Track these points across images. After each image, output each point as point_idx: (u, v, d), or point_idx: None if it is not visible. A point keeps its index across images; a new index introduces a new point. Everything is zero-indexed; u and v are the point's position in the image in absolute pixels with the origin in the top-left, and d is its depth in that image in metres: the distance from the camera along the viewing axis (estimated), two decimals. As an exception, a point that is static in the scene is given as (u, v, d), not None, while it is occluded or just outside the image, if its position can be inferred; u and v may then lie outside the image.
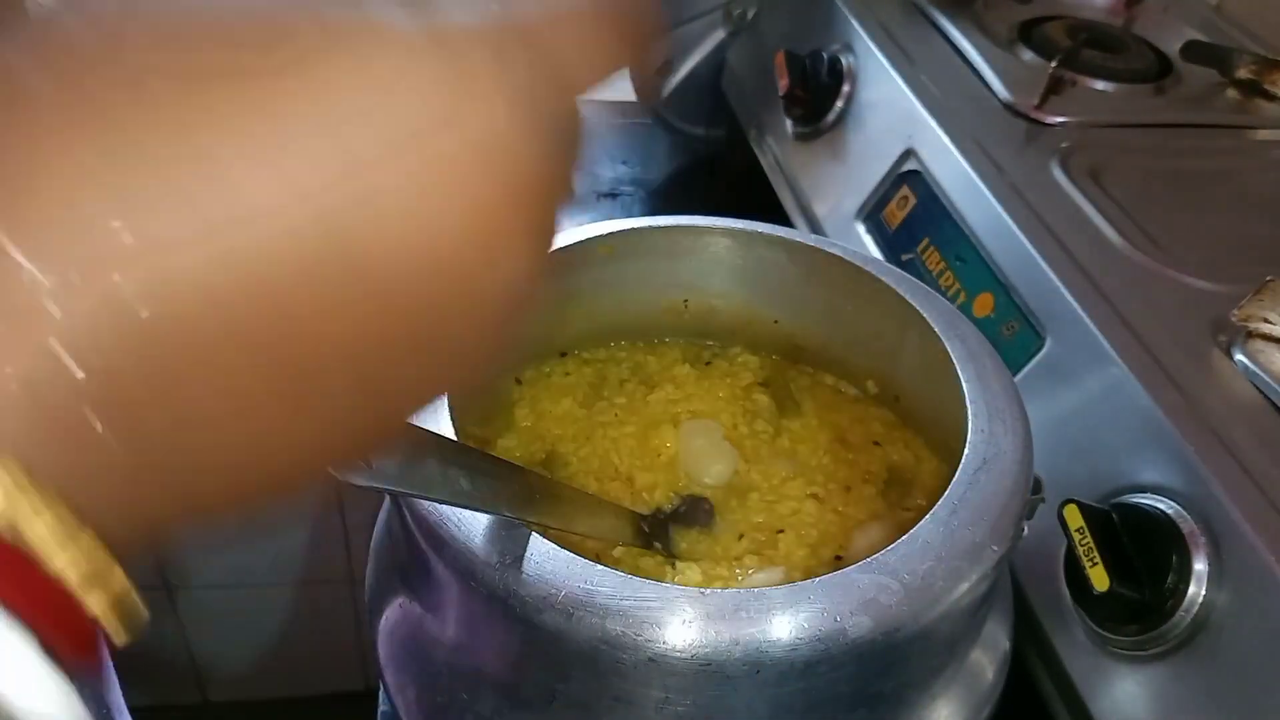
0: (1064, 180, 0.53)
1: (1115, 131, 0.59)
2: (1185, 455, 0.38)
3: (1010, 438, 0.34)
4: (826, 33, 0.69)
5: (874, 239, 0.60)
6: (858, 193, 0.62)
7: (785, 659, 0.28)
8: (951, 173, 0.55)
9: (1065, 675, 0.41)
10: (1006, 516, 0.32)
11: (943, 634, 0.31)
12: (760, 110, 0.75)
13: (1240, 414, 0.40)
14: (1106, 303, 0.44)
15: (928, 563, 0.29)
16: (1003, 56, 0.64)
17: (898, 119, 0.60)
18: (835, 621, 0.28)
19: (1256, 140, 0.62)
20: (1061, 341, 0.45)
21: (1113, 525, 0.38)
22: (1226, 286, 0.45)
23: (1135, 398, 0.40)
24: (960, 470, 0.33)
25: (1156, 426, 0.39)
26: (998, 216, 0.50)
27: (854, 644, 0.28)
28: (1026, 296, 0.48)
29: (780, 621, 0.28)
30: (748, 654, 0.28)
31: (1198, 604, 0.36)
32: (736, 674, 0.28)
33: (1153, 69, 0.66)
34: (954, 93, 0.60)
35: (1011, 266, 0.49)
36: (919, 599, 0.29)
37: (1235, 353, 0.42)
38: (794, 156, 0.70)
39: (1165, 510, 0.38)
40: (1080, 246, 0.48)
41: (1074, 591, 0.40)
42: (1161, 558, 0.37)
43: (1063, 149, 0.56)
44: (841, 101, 0.66)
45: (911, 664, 0.31)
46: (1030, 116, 0.58)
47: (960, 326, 0.39)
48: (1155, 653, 0.37)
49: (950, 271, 0.53)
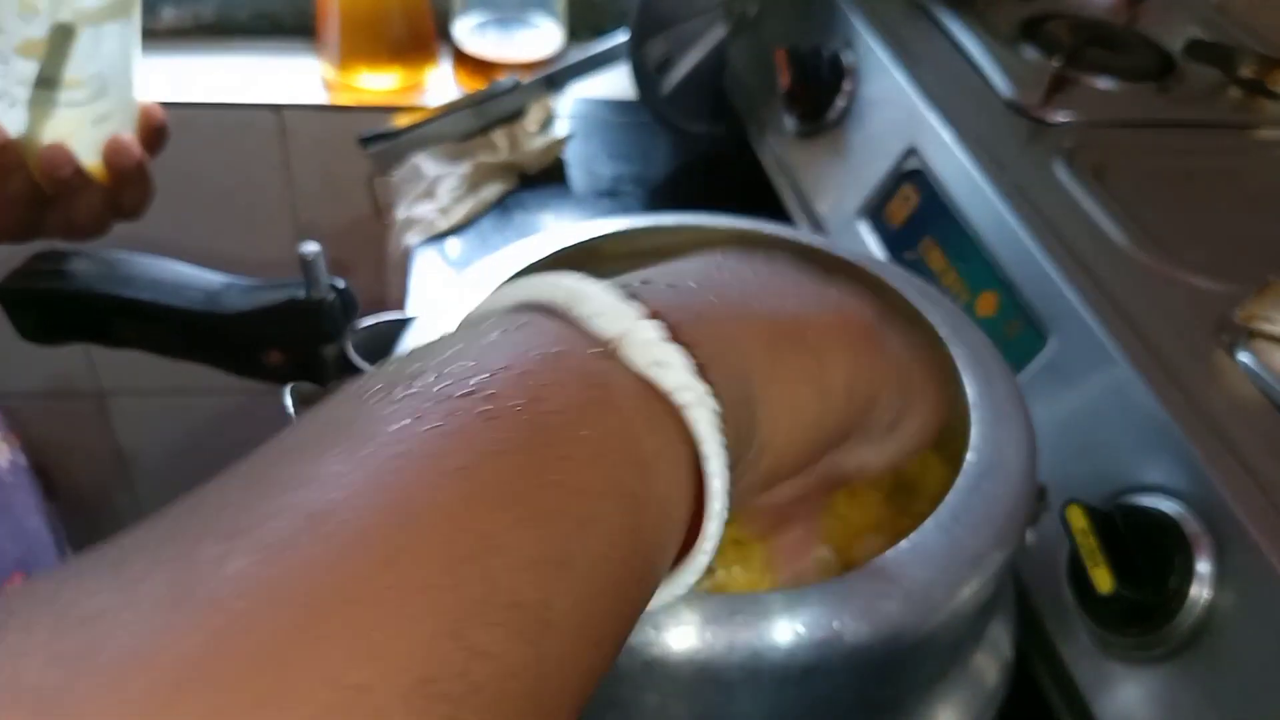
0: (1067, 179, 0.53)
1: (1118, 130, 0.59)
2: (1189, 456, 0.38)
3: (1015, 445, 0.34)
4: (828, 30, 0.69)
5: (876, 237, 0.59)
6: (859, 191, 0.61)
7: (782, 665, 0.28)
8: (954, 171, 0.54)
9: (1068, 677, 0.41)
10: (1009, 524, 0.31)
11: (943, 641, 0.31)
12: (761, 108, 0.75)
13: (1243, 414, 0.39)
14: (1109, 302, 0.44)
15: (928, 570, 0.29)
16: (1005, 54, 0.64)
17: (900, 117, 0.60)
18: (833, 628, 0.28)
19: (1260, 139, 0.62)
20: (1064, 341, 0.45)
21: (1116, 526, 0.38)
22: (1230, 286, 0.45)
23: (1138, 398, 0.40)
24: (963, 477, 0.32)
25: (1160, 427, 0.39)
26: (1000, 215, 0.50)
27: (852, 650, 0.28)
28: (1029, 296, 0.47)
29: (777, 627, 0.28)
30: (745, 659, 0.27)
31: (1201, 605, 0.36)
32: (733, 679, 0.28)
33: (1156, 67, 0.65)
34: (956, 91, 0.60)
35: (1014, 265, 0.49)
36: (918, 606, 0.28)
37: (1238, 352, 0.42)
38: (795, 154, 0.69)
39: (1169, 511, 0.38)
40: (1083, 245, 0.48)
41: (1077, 593, 0.40)
42: (1165, 559, 0.37)
43: (1065, 147, 0.55)
44: (843, 99, 0.65)
45: (910, 671, 0.31)
46: (1033, 115, 0.58)
47: (966, 331, 0.39)
48: (1158, 654, 0.37)
49: (953, 270, 0.53)
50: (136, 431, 1.17)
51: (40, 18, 0.48)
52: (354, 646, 0.14)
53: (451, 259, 0.73)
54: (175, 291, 0.46)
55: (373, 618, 0.15)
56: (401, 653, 0.15)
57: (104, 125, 0.52)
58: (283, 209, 1.00)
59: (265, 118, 0.93)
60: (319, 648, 0.14)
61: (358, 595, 0.15)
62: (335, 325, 0.46)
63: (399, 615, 0.15)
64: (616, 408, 0.20)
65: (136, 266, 0.47)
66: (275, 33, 1.00)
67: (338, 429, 0.18)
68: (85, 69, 0.50)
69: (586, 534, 0.18)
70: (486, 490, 0.17)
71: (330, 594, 0.15)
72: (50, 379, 1.10)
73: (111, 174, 0.53)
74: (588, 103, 0.91)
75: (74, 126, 0.51)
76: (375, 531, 0.16)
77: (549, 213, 0.79)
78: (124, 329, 0.48)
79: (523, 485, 0.17)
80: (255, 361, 0.47)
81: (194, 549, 0.15)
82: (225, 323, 0.46)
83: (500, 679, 0.16)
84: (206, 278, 0.47)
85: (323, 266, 0.45)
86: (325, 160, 0.96)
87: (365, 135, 0.75)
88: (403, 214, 0.79)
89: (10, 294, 0.48)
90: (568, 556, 0.17)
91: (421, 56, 0.94)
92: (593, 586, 0.18)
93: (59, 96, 0.50)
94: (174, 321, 0.46)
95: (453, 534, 0.16)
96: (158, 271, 0.47)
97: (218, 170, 0.95)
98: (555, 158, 0.83)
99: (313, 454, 0.17)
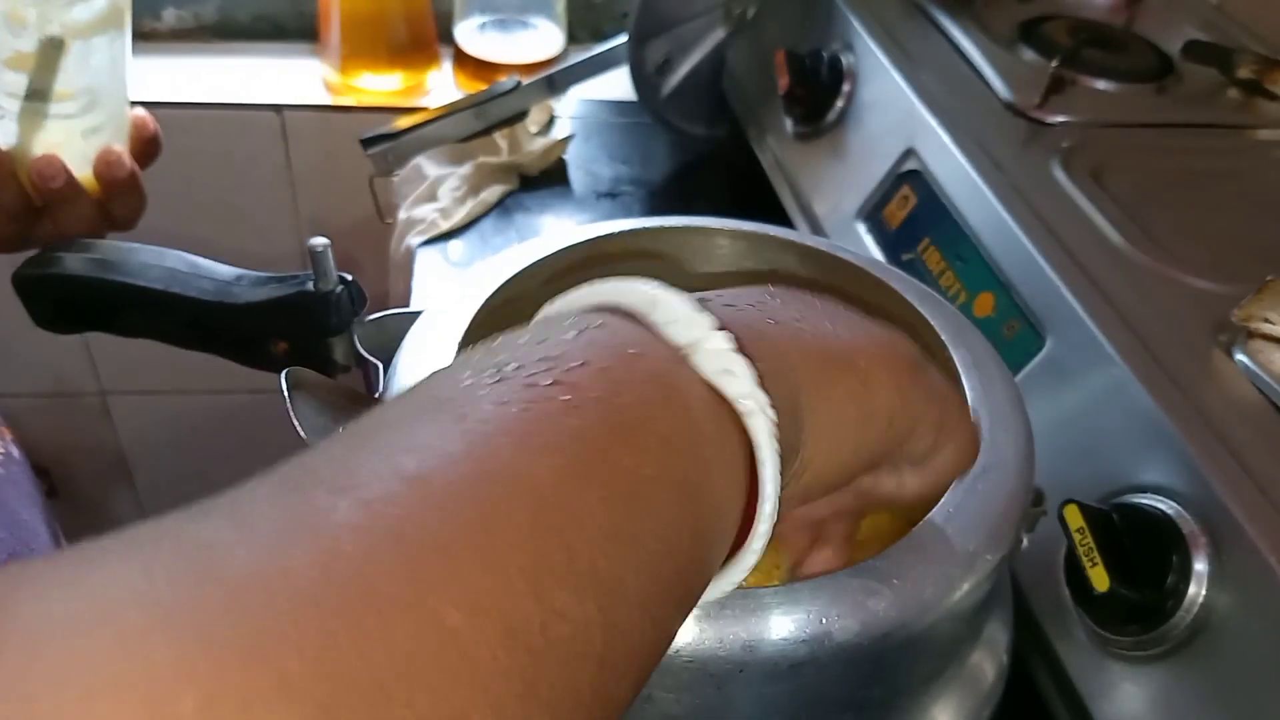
0: (1065, 180, 0.53)
1: (1116, 131, 0.59)
2: (1186, 455, 0.38)
3: (1012, 447, 0.34)
4: (827, 32, 0.69)
5: (874, 238, 0.60)
6: (858, 192, 0.62)
7: (770, 659, 0.28)
8: (952, 172, 0.55)
9: (1065, 676, 0.41)
10: (1003, 525, 0.31)
11: (935, 640, 0.31)
12: (760, 109, 0.75)
13: (1241, 414, 0.39)
14: (1107, 303, 0.44)
15: (919, 569, 0.29)
16: (1003, 56, 0.64)
17: (898, 118, 0.60)
18: (821, 624, 0.28)
19: (1257, 140, 0.62)
20: (1062, 341, 0.45)
21: (1113, 525, 0.38)
22: (1227, 286, 0.45)
23: (1136, 398, 0.40)
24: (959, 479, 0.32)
25: (1157, 426, 0.39)
26: (998, 216, 0.50)
27: (840, 647, 0.28)
28: (1027, 296, 0.47)
29: (766, 622, 0.28)
30: (733, 653, 0.28)
31: (1198, 604, 0.36)
32: (720, 672, 0.28)
33: (1154, 68, 0.66)
34: (955, 92, 0.60)
35: (1012, 266, 0.49)
36: (908, 605, 0.28)
37: (1236, 353, 0.42)
38: (794, 156, 0.70)
39: (1166, 510, 0.38)
40: (1081, 246, 0.48)
41: (1074, 592, 0.40)
42: (1162, 558, 0.37)
43: (1063, 148, 0.56)
44: (842, 101, 0.66)
45: (903, 669, 0.31)
46: (1031, 116, 0.58)
47: (967, 334, 0.39)
48: (1156, 653, 0.37)
49: (951, 271, 0.53)
50: (137, 431, 1.17)
51: (29, 31, 0.48)
52: (448, 592, 0.16)
53: (453, 260, 0.74)
54: (188, 282, 0.47)
55: (466, 569, 0.16)
56: (489, 604, 0.16)
57: (96, 137, 0.52)
58: (284, 209, 1.00)
59: (267, 118, 0.93)
60: (417, 590, 0.15)
61: (453, 548, 0.16)
62: (343, 318, 0.46)
63: (489, 570, 0.16)
64: (686, 408, 0.21)
65: (149, 256, 0.48)
66: (276, 36, 1.00)
67: (435, 407, 0.19)
68: (76, 82, 0.50)
69: (654, 518, 0.20)
70: (570, 468, 0.19)
71: (428, 545, 0.16)
72: (50, 379, 1.10)
73: (103, 185, 0.53)
74: (588, 104, 0.91)
75: (65, 138, 0.51)
76: (468, 495, 0.17)
77: (550, 214, 0.79)
78: (136, 317, 0.48)
79: (600, 467, 0.19)
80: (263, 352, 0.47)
81: (306, 498, 0.17)
82: (235, 313, 0.46)
83: (573, 640, 0.17)
84: (218, 269, 0.48)
85: (331, 260, 0.45)
86: (327, 161, 0.96)
87: (366, 136, 0.75)
88: (404, 215, 0.79)
89: (26, 281, 0.49)
90: (637, 536, 0.19)
91: (423, 58, 0.94)
92: (656, 566, 0.20)
93: (49, 109, 0.50)
94: (186, 311, 0.47)
95: (538, 504, 0.18)
96: (171, 261, 0.48)
97: (219, 171, 0.95)
98: (556, 159, 0.83)
99: (409, 427, 0.19)
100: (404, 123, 0.77)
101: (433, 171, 0.80)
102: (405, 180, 0.81)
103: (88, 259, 0.48)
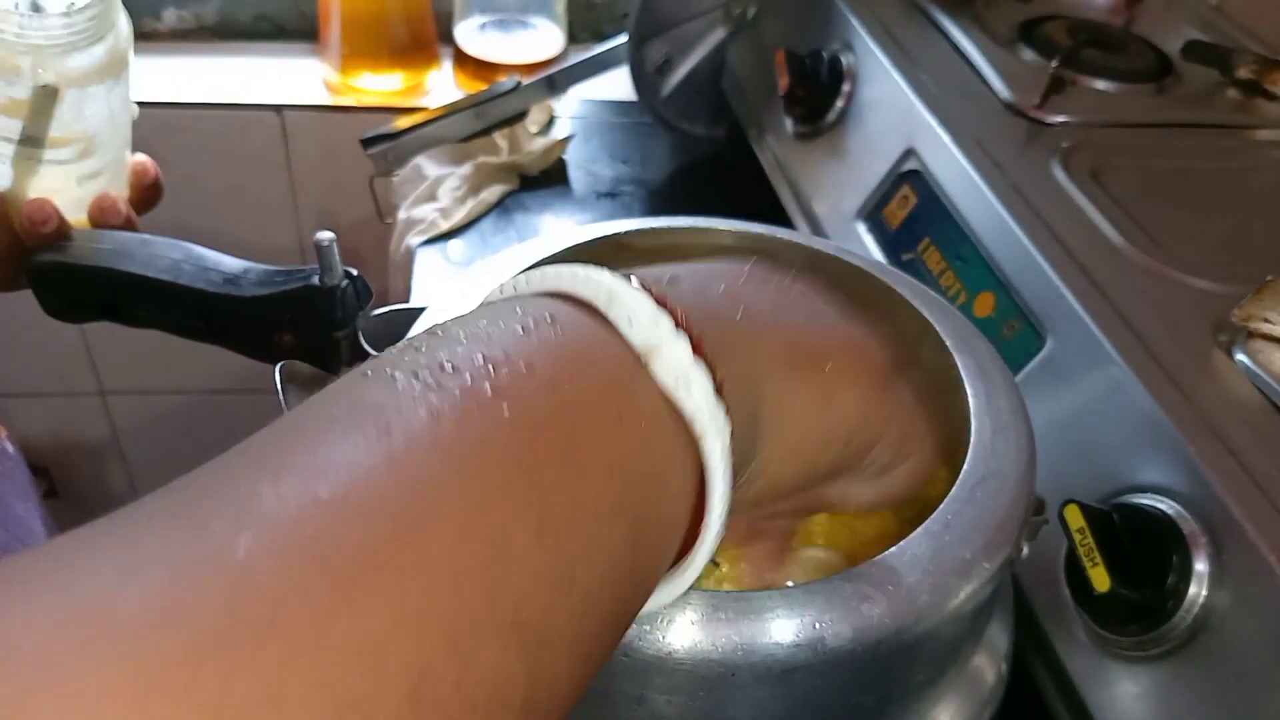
0: (1065, 180, 0.53)
1: (1116, 131, 0.59)
2: (1186, 455, 0.38)
3: (1013, 455, 0.33)
4: (826, 32, 0.69)
5: (875, 238, 0.60)
6: (858, 192, 0.62)
7: (761, 664, 0.27)
8: (952, 172, 0.55)
9: (1066, 676, 0.41)
10: (1002, 533, 0.31)
11: (931, 646, 0.31)
12: (760, 109, 0.75)
13: (1241, 414, 0.39)
14: (1107, 302, 0.44)
15: (914, 576, 0.29)
16: (1003, 56, 0.64)
17: (898, 118, 0.60)
18: (814, 629, 0.27)
19: (1257, 140, 0.62)
20: (1062, 341, 0.45)
21: (1113, 526, 0.38)
22: (1227, 286, 0.45)
23: (1136, 398, 0.40)
24: (958, 485, 0.32)
25: (1157, 426, 0.39)
26: (998, 216, 0.50)
27: (832, 653, 0.28)
28: (1027, 296, 0.47)
29: (758, 626, 0.27)
30: (724, 656, 0.27)
31: (1198, 604, 0.36)
32: (712, 675, 0.28)
33: (1153, 69, 0.66)
34: (954, 92, 0.60)
35: (1012, 266, 0.49)
36: (903, 612, 0.28)
37: (1236, 353, 0.42)
38: (794, 156, 0.70)
39: (1166, 511, 0.38)
40: (1081, 246, 0.48)
41: (1075, 592, 0.40)
42: (1162, 558, 0.37)
43: (1063, 148, 0.56)
44: (842, 101, 0.66)
45: (898, 675, 0.31)
46: (1031, 116, 0.58)
47: (971, 340, 0.38)
48: (1156, 653, 0.37)
49: (951, 271, 0.53)
50: (136, 430, 1.17)
51: (23, 79, 0.48)
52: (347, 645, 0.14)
53: (453, 259, 0.74)
54: (196, 274, 0.47)
55: (373, 621, 0.15)
56: (397, 661, 0.14)
57: (91, 183, 0.52)
58: (284, 209, 1.00)
59: (267, 118, 0.93)
60: (316, 640, 0.14)
61: (359, 596, 0.15)
62: (349, 312, 0.47)
63: (399, 622, 0.15)
64: (637, 423, 0.20)
65: (160, 247, 0.48)
66: (277, 36, 1.00)
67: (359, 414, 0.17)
68: (71, 129, 0.50)
69: (591, 550, 0.18)
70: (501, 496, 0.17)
71: (333, 590, 0.15)
72: (50, 378, 1.10)
73: None
74: (588, 104, 0.91)
75: (60, 184, 0.51)
76: (382, 528, 0.15)
77: (550, 214, 0.79)
78: (144, 308, 0.49)
79: (535, 494, 0.17)
80: (269, 344, 0.48)
81: (204, 532, 0.15)
82: (242, 305, 0.47)
83: (492, 693, 0.16)
84: (226, 262, 0.48)
85: (337, 254, 0.45)
86: (327, 161, 0.96)
87: (366, 136, 0.75)
88: (404, 215, 0.79)
89: (39, 270, 0.49)
90: (570, 574, 0.17)
91: (423, 58, 0.94)
92: (590, 604, 0.18)
93: (44, 154, 0.50)
94: (193, 302, 0.47)
95: (461, 539, 0.16)
96: (180, 253, 0.48)
97: (219, 170, 0.95)
98: (556, 159, 0.83)
99: (327, 439, 0.17)
100: (404, 123, 0.77)
101: (433, 171, 0.80)
102: (405, 180, 0.81)
103: (100, 249, 0.48)
